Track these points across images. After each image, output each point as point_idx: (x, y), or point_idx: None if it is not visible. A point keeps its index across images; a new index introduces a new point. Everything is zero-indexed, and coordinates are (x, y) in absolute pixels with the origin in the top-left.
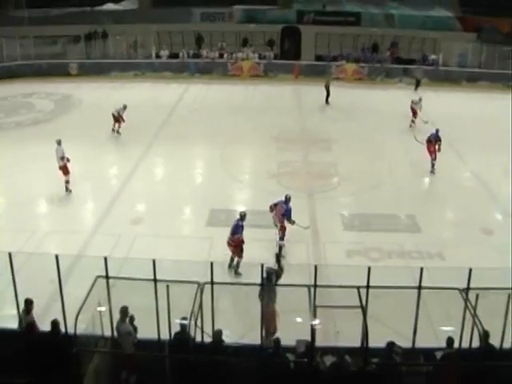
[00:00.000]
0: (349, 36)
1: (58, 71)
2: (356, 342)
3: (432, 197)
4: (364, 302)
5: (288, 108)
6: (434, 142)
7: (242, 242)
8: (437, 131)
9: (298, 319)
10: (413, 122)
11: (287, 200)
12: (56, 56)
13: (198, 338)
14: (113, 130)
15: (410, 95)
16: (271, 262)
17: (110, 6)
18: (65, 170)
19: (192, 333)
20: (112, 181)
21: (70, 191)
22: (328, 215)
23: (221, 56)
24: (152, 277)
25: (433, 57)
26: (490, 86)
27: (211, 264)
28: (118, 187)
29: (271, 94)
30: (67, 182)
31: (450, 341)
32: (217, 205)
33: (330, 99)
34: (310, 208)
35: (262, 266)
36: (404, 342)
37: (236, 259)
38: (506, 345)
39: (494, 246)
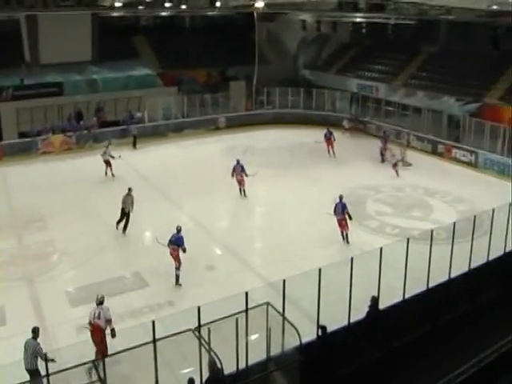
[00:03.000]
0: (53, 107)
1: None
2: None
3: (155, 249)
4: (102, 374)
5: None
6: (330, 138)
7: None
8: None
9: None
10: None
11: (239, 161)
12: None
13: None
14: (106, 173)
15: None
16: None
17: None
18: None
19: None
20: None
21: None
22: (52, 296)
23: None
24: None
25: (138, 114)
26: (194, 132)
27: None
28: None
29: None
30: None
31: (190, 382)
32: None
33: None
34: (33, 294)
35: None
36: None
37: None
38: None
39: (217, 280)
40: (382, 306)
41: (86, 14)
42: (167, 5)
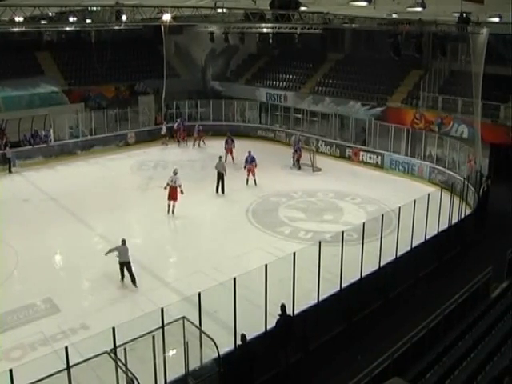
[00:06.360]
0: None
1: None
2: None
3: (67, 272)
4: None
5: None
6: (251, 163)
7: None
8: (249, 153)
9: None
10: (297, 160)
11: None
12: None
13: None
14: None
15: (26, 177)
16: None
17: None
18: None
19: None
20: None
21: None
22: None
23: None
24: None
25: (44, 133)
26: (103, 149)
27: None
28: None
29: None
30: None
31: None
32: None
33: None
34: None
35: None
36: None
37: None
38: None
39: (132, 298)
40: (297, 309)
41: None
42: (71, 19)
